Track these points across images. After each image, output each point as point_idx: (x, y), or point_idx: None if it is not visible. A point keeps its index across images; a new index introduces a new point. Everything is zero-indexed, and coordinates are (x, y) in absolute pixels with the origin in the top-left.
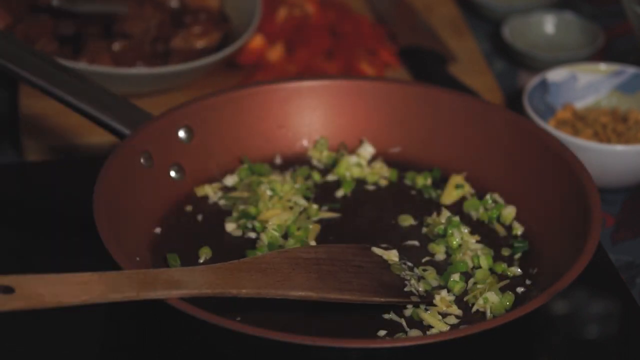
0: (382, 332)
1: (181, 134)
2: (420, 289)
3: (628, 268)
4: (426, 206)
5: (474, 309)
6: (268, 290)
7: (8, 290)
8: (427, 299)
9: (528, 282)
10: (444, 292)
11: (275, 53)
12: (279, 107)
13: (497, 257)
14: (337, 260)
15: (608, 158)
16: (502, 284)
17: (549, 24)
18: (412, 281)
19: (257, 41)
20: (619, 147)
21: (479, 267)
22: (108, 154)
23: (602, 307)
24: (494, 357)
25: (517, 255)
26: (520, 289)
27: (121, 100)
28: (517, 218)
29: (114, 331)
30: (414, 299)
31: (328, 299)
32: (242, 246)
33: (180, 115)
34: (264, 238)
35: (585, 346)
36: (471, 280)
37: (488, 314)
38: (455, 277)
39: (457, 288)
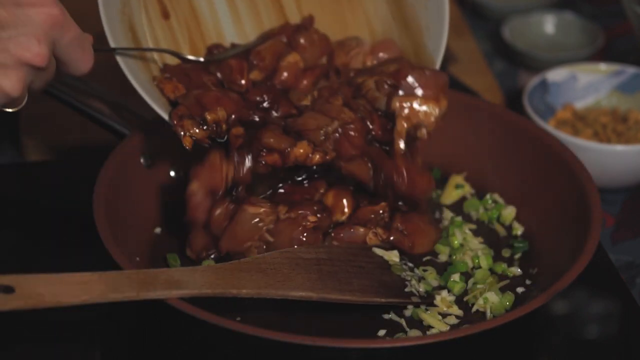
0: (382, 332)
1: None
2: (420, 290)
3: (628, 268)
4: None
5: (474, 309)
6: (268, 291)
7: (8, 290)
8: (427, 300)
9: (528, 282)
10: (444, 293)
11: None
12: None
13: (497, 257)
14: (337, 261)
15: (608, 158)
16: (502, 284)
17: (549, 24)
18: (413, 282)
19: None
20: (619, 147)
21: (479, 267)
22: (108, 154)
23: (602, 307)
24: (494, 357)
25: (517, 255)
26: (520, 289)
27: (121, 101)
28: (517, 218)
29: (114, 331)
30: (415, 299)
31: (328, 300)
32: None
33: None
34: None
35: (585, 346)
36: (471, 280)
37: (488, 314)
38: (455, 277)
39: (457, 288)
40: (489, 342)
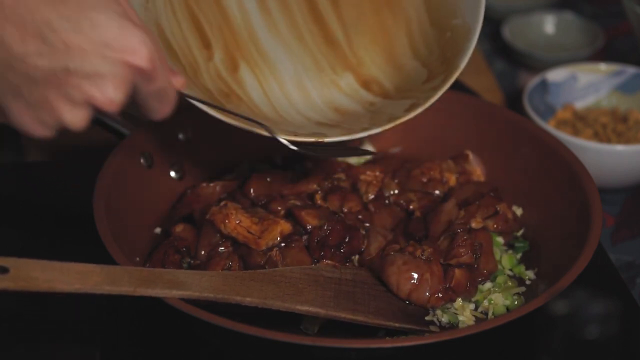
0: (382, 332)
1: (181, 134)
2: (443, 320)
3: (628, 268)
4: None
5: (480, 309)
6: (274, 302)
7: (3, 270)
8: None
9: (528, 282)
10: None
11: None
12: None
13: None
14: (360, 283)
15: (608, 158)
16: (518, 289)
17: (549, 24)
18: (438, 311)
19: None
20: (619, 147)
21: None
22: (108, 154)
23: (602, 307)
24: (494, 357)
25: (518, 255)
26: (520, 289)
27: None
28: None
29: (113, 331)
30: (434, 328)
31: (337, 318)
32: None
33: (180, 116)
34: None
35: (585, 346)
36: (487, 285)
37: (489, 314)
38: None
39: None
40: (489, 342)
